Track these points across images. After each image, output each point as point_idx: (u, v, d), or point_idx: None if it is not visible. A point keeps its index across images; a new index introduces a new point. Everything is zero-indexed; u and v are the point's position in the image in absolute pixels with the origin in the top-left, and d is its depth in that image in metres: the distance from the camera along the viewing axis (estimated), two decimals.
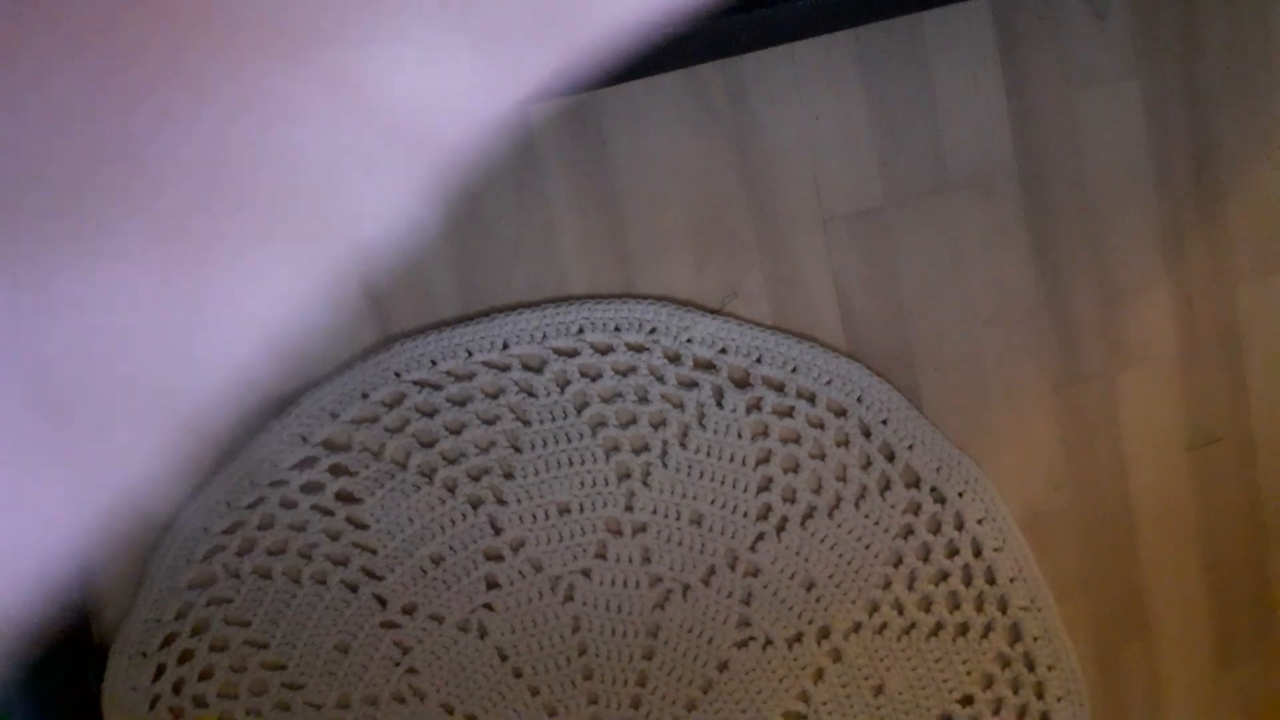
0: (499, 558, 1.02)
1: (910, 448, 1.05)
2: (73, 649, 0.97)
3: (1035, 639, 1.07)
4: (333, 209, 0.17)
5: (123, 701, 0.99)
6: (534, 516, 1.02)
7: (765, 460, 1.04)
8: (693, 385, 1.02)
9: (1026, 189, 1.04)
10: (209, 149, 0.16)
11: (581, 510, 1.03)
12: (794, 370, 1.03)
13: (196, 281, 0.17)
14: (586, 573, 1.03)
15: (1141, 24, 1.03)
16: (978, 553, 1.06)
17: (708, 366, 1.02)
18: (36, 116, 0.16)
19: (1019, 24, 1.02)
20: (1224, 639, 1.11)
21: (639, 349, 1.02)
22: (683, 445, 1.03)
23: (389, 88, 0.17)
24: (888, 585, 1.06)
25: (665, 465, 1.03)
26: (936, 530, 1.06)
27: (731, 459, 1.03)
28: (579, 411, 1.02)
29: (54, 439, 0.17)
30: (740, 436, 1.03)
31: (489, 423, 1.01)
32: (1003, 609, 1.07)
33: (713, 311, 1.03)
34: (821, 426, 1.04)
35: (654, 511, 1.03)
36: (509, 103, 0.18)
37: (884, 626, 1.06)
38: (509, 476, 1.02)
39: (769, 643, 1.05)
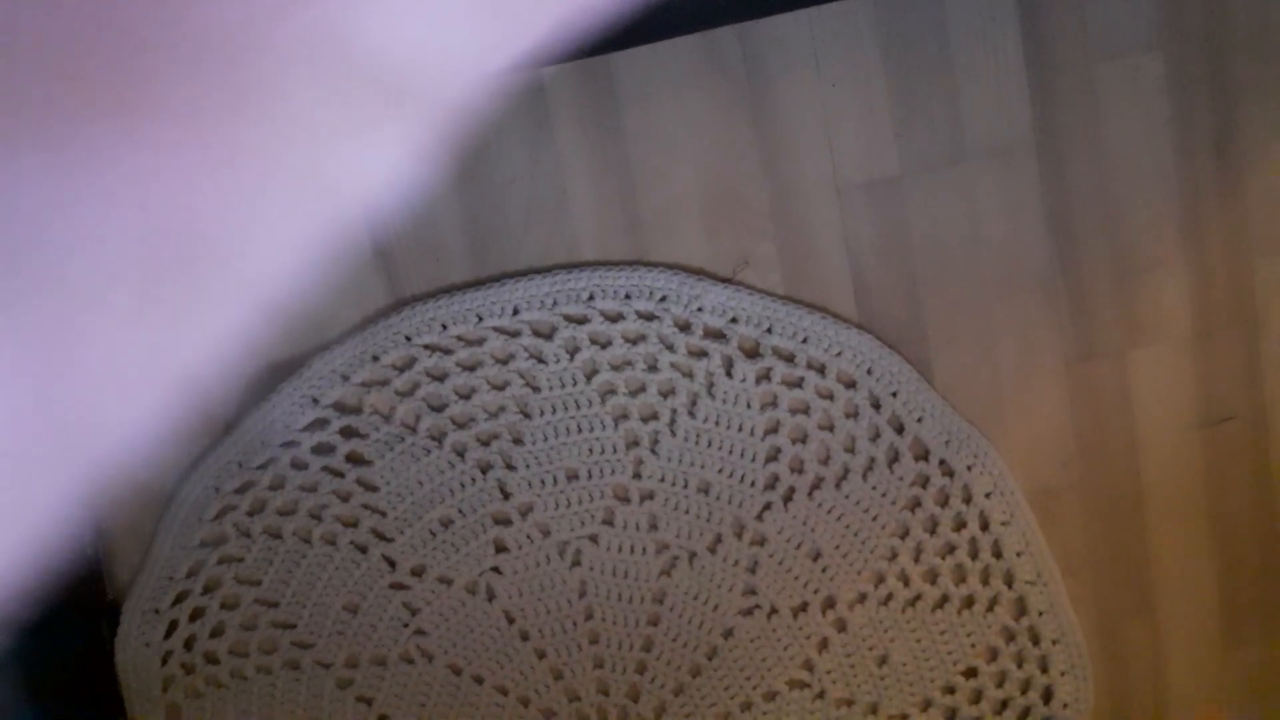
0: (507, 522, 1.03)
1: (919, 420, 1.04)
2: (87, 605, 0.99)
3: (1040, 613, 1.07)
4: (330, 169, 0.17)
5: (135, 657, 1.00)
6: (542, 482, 1.03)
7: (774, 430, 1.04)
8: (702, 354, 1.02)
9: (1044, 161, 1.03)
10: (203, 104, 0.16)
11: (589, 477, 1.03)
12: (804, 341, 1.03)
13: (191, 240, 0.17)
14: (594, 538, 1.04)
15: None
16: (985, 526, 1.06)
17: (718, 336, 1.02)
18: (9, 50, 0.16)
19: None
20: (1231, 618, 1.11)
21: (649, 317, 1.02)
22: (691, 414, 1.03)
23: (386, 44, 0.17)
24: (894, 557, 1.06)
25: (674, 434, 1.03)
26: (944, 503, 1.06)
27: (740, 429, 1.03)
28: (588, 379, 1.02)
29: (51, 400, 0.17)
30: (749, 406, 1.03)
31: (499, 388, 1.02)
32: (1009, 583, 1.07)
33: (724, 280, 1.02)
34: (831, 398, 1.04)
35: (662, 479, 1.03)
36: (509, 59, 0.18)
37: (889, 598, 1.06)
38: (518, 442, 1.02)
39: (774, 611, 1.06)
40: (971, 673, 1.08)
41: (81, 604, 0.98)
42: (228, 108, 0.16)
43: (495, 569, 1.04)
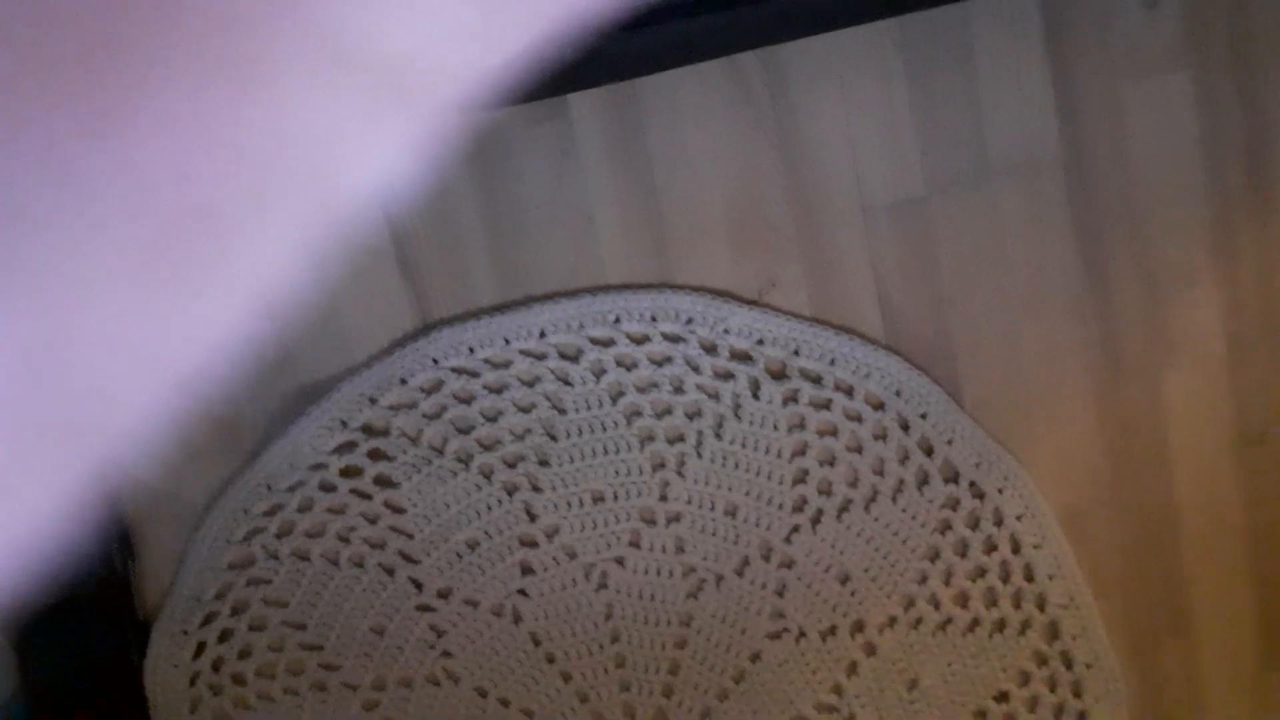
0: (534, 544, 1.03)
1: (949, 442, 1.04)
2: (117, 625, 0.99)
3: (1074, 637, 1.06)
4: (327, 168, 0.17)
5: (164, 677, 1.01)
6: (568, 504, 1.03)
7: (801, 453, 1.03)
8: (729, 376, 1.02)
9: (1071, 181, 1.02)
10: (194, 105, 0.16)
11: (616, 499, 1.03)
12: (832, 362, 1.02)
13: (191, 238, 0.17)
14: (620, 561, 1.04)
15: (1193, 14, 1.01)
16: (1016, 549, 1.05)
17: (744, 357, 1.02)
18: (2, 58, 0.16)
19: (1066, 13, 1.00)
20: (1269, 639, 1.09)
21: (675, 339, 1.02)
22: (718, 436, 1.03)
23: (388, 40, 0.17)
24: (924, 580, 1.05)
25: (700, 456, 1.03)
26: (975, 526, 1.05)
27: (767, 451, 1.03)
28: (614, 401, 1.02)
29: (47, 411, 0.17)
30: (776, 428, 1.03)
31: (525, 410, 1.02)
32: (1040, 606, 1.06)
33: (750, 302, 1.02)
34: (859, 420, 1.03)
35: (688, 501, 1.03)
36: (507, 56, 0.18)
37: (919, 621, 1.05)
38: (544, 464, 1.02)
39: (802, 635, 1.05)
40: (1003, 697, 1.06)
41: (111, 624, 0.98)
42: (228, 105, 0.16)
43: (521, 591, 1.03)
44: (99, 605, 0.97)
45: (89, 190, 0.16)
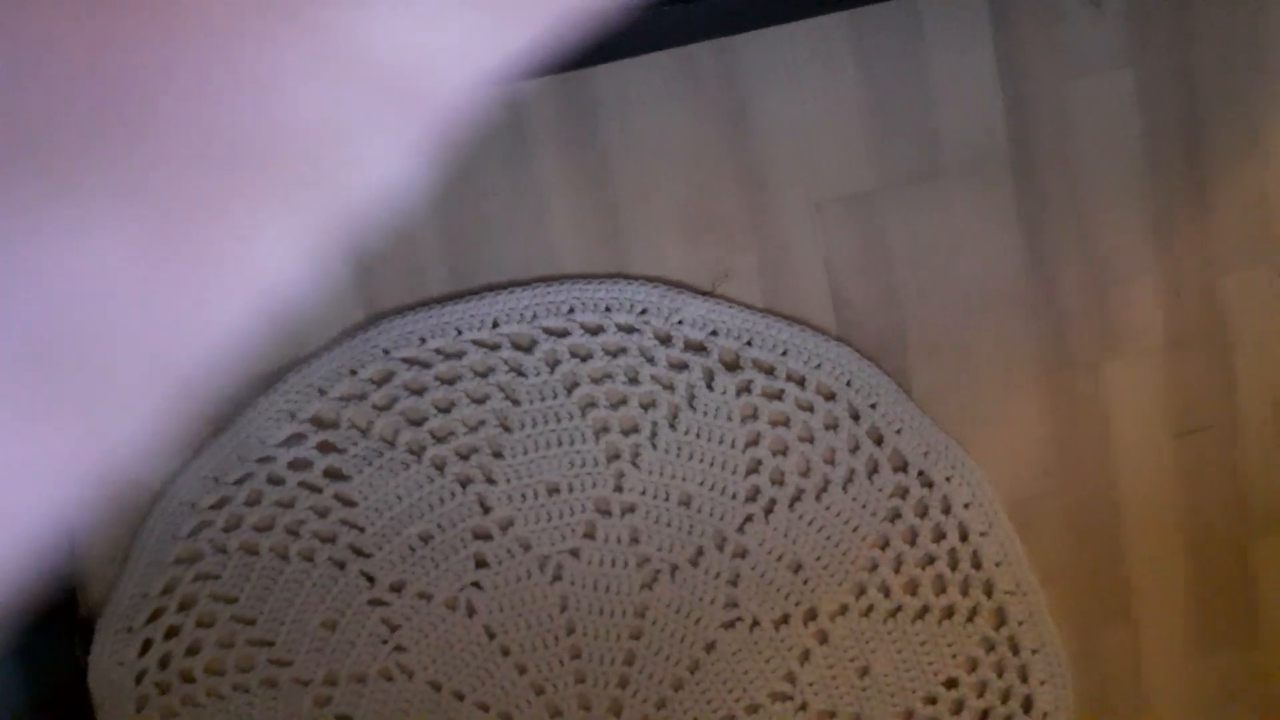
0: (487, 536, 1.02)
1: (899, 432, 1.05)
2: (59, 623, 0.97)
3: (1020, 623, 1.08)
4: (323, 168, 0.17)
5: (109, 676, 0.98)
6: (523, 496, 1.02)
7: (754, 443, 1.04)
8: (683, 367, 1.02)
9: (1019, 175, 1.04)
10: (192, 105, 0.16)
11: (570, 490, 1.03)
12: (784, 353, 1.03)
13: (182, 243, 0.17)
14: (575, 552, 1.03)
15: (1136, 12, 1.03)
16: (964, 537, 1.07)
17: (698, 348, 1.02)
18: (9, 60, 0.15)
19: (1014, 9, 1.02)
20: (1206, 625, 1.12)
21: (630, 330, 1.02)
22: (672, 427, 1.03)
23: (377, 44, 0.17)
24: (874, 568, 1.06)
25: (655, 446, 1.03)
26: (924, 514, 1.06)
27: (721, 441, 1.03)
28: (569, 391, 1.02)
29: (38, 404, 0.16)
30: (730, 419, 1.03)
31: (478, 401, 1.01)
32: (988, 593, 1.07)
33: (704, 293, 1.03)
34: (811, 410, 1.04)
35: (643, 492, 1.03)
36: (502, 59, 0.18)
37: (870, 609, 1.06)
38: (498, 455, 1.02)
39: (756, 624, 1.05)
40: (952, 683, 1.08)
41: (53, 621, 0.96)
42: (228, 105, 0.16)
43: (475, 584, 1.03)
44: (39, 602, 0.94)
45: (89, 190, 0.16)
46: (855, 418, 1.05)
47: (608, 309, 1.01)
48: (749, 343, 1.03)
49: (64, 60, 0.16)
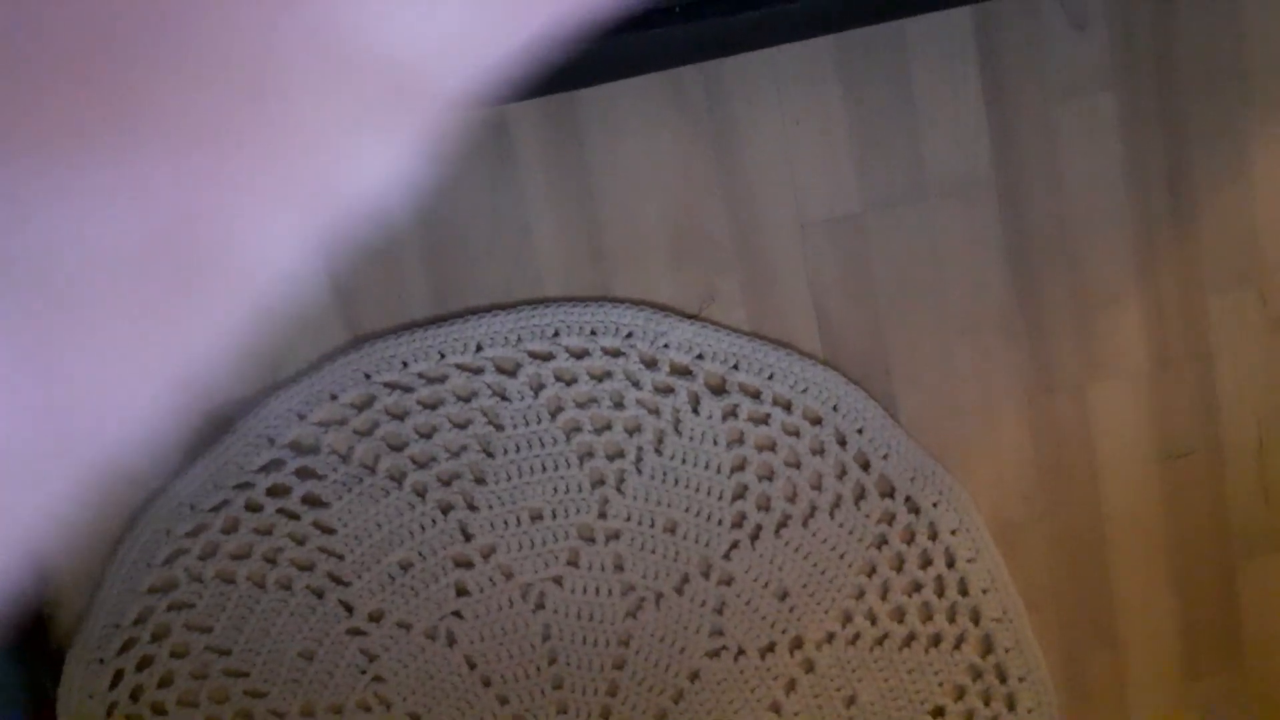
0: (469, 564, 1.01)
1: (885, 457, 1.04)
2: (28, 654, 0.94)
3: (1007, 650, 1.07)
4: (322, 163, 0.17)
5: (78, 709, 0.96)
6: (505, 523, 1.01)
7: (740, 468, 1.03)
8: (669, 391, 1.01)
9: (1003, 199, 1.04)
10: (200, 104, 0.16)
11: (554, 517, 1.01)
12: (770, 377, 1.02)
13: (188, 241, 0.16)
14: (558, 580, 1.02)
15: (1119, 37, 1.03)
16: (951, 563, 1.06)
17: (684, 372, 1.01)
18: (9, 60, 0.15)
19: (998, 33, 1.02)
20: (1191, 650, 1.11)
21: (615, 353, 1.00)
22: (658, 452, 1.01)
23: (377, 37, 0.16)
24: (861, 595, 1.05)
25: (640, 472, 1.01)
26: (910, 540, 1.05)
27: (707, 466, 1.02)
28: (553, 416, 1.00)
29: (46, 411, 0.16)
30: (716, 443, 1.02)
31: (461, 426, 0.99)
32: (975, 620, 1.07)
33: (690, 317, 1.02)
34: (797, 434, 1.03)
35: (627, 519, 1.02)
36: (502, 54, 0.18)
37: (857, 637, 1.05)
38: (480, 481, 1.00)
39: (741, 652, 1.04)
40: (939, 712, 1.07)
41: (22, 652, 0.93)
42: (225, 107, 0.16)
43: (456, 613, 1.01)
44: (6, 633, 0.92)
45: (89, 191, 0.16)
46: (842, 442, 1.04)
47: (593, 332, 1.00)
48: (735, 366, 1.02)
49: (59, 57, 0.15)
